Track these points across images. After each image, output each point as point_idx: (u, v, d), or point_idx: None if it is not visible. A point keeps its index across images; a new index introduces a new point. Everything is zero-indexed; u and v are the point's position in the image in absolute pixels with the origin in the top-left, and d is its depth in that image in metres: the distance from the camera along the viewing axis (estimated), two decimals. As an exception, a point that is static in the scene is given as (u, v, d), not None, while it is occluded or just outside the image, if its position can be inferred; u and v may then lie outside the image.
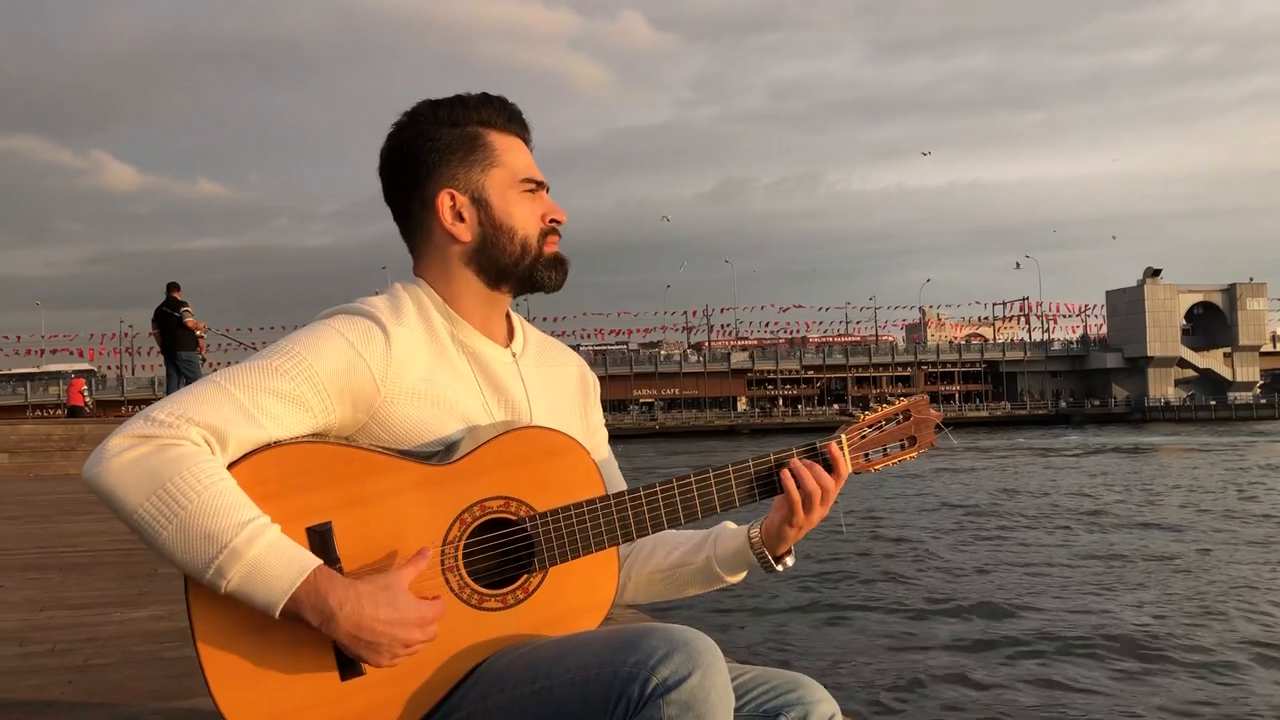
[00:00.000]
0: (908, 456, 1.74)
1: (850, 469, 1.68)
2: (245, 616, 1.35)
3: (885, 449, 1.72)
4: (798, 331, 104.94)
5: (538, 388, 1.65)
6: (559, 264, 1.65)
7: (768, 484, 1.61)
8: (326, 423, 1.46)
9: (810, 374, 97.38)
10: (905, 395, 1.76)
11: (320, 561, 1.35)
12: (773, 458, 1.62)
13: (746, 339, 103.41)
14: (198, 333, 15.44)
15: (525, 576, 1.49)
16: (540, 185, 1.63)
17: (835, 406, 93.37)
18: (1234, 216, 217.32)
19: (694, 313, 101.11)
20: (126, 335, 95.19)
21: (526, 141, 1.66)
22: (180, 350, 15.12)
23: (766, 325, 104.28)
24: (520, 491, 1.49)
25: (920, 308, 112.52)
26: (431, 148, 1.59)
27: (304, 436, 1.43)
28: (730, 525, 1.73)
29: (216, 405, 1.38)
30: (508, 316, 1.69)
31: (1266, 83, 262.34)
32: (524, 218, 1.60)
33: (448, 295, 1.60)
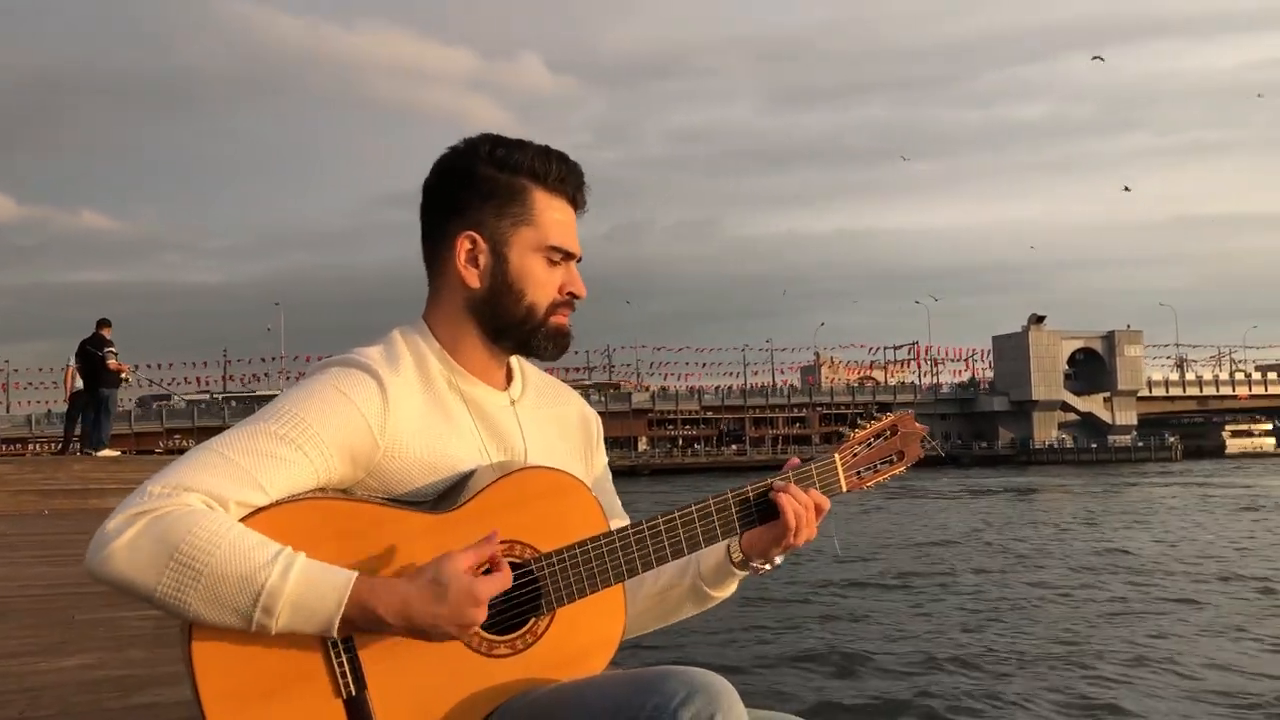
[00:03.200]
0: (897, 471, 1.75)
1: (846, 488, 1.69)
2: (252, 667, 1.33)
3: (875, 465, 1.73)
4: (697, 373, 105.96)
5: (535, 431, 1.64)
6: (560, 338, 1.61)
7: (765, 508, 1.61)
8: (326, 481, 1.45)
9: (709, 415, 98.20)
10: (887, 413, 1.77)
11: (357, 574, 1.34)
12: (770, 482, 1.63)
13: (647, 379, 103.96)
14: (122, 375, 15.23)
15: (533, 620, 1.49)
16: (569, 256, 1.60)
17: (734, 447, 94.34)
18: (1113, 266, 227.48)
19: (595, 352, 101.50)
20: (1, 371, 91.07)
21: (577, 205, 1.62)
22: (101, 387, 14.91)
23: (665, 366, 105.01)
24: (524, 534, 1.49)
25: (815, 350, 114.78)
26: (473, 185, 1.56)
27: (304, 493, 1.42)
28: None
29: (215, 472, 1.35)
30: (508, 363, 1.68)
31: (1142, 141, 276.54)
32: (539, 284, 1.58)
33: (447, 339, 1.59)
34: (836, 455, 1.69)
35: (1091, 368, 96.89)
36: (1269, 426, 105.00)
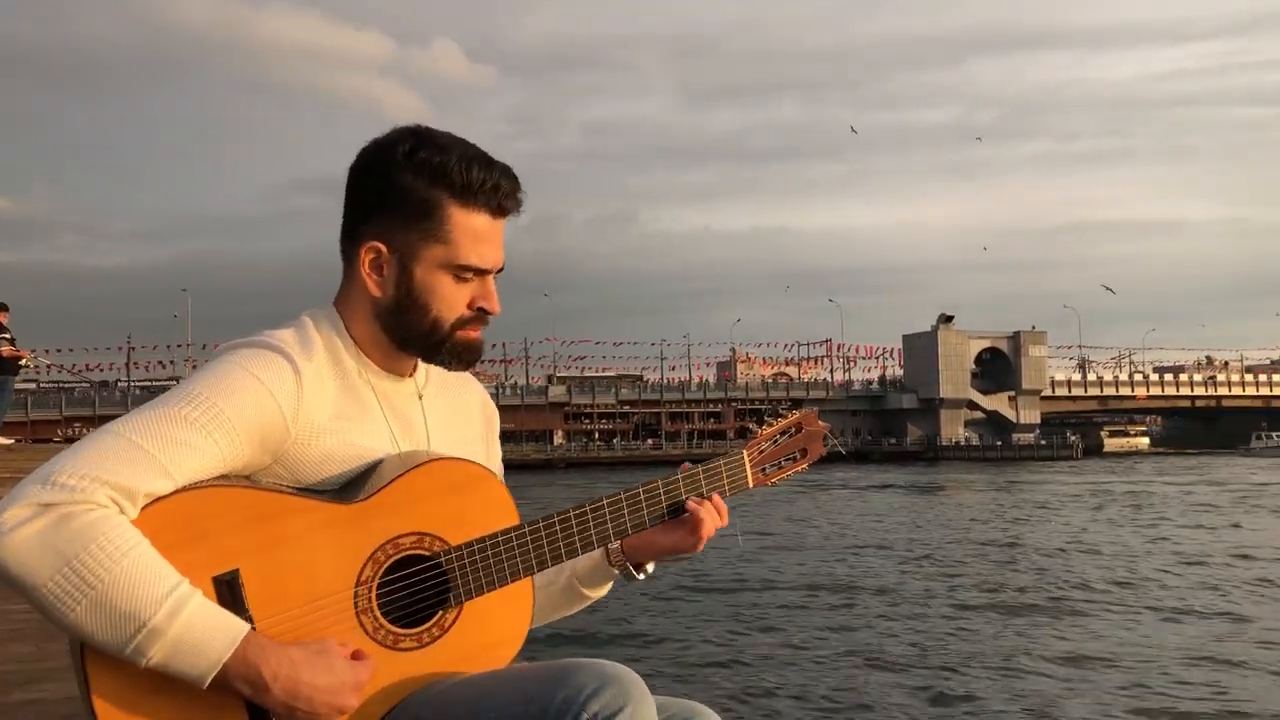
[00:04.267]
0: (800, 468, 1.77)
1: (753, 484, 1.71)
2: (144, 677, 1.28)
3: (780, 462, 1.75)
4: (614, 367, 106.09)
5: (439, 420, 1.62)
6: (466, 352, 1.57)
7: (676, 508, 1.63)
8: (233, 466, 1.40)
9: (626, 409, 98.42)
10: (793, 410, 1.79)
11: (249, 629, 1.30)
12: (681, 482, 1.65)
13: (564, 373, 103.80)
14: (21, 361, 14.69)
15: (441, 613, 1.47)
16: (481, 273, 1.54)
17: (649, 441, 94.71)
18: (1018, 269, 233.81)
19: (511, 345, 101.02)
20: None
21: (503, 213, 1.54)
22: None
23: (581, 359, 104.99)
24: (433, 526, 1.47)
25: (731, 346, 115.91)
26: (386, 192, 1.49)
27: (208, 480, 1.37)
28: None
29: (124, 461, 1.29)
30: None
31: (1043, 147, 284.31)
32: (444, 300, 1.52)
33: (356, 331, 1.55)
34: (745, 452, 1.71)
35: (997, 367, 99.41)
36: (1144, 428, 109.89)
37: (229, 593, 1.33)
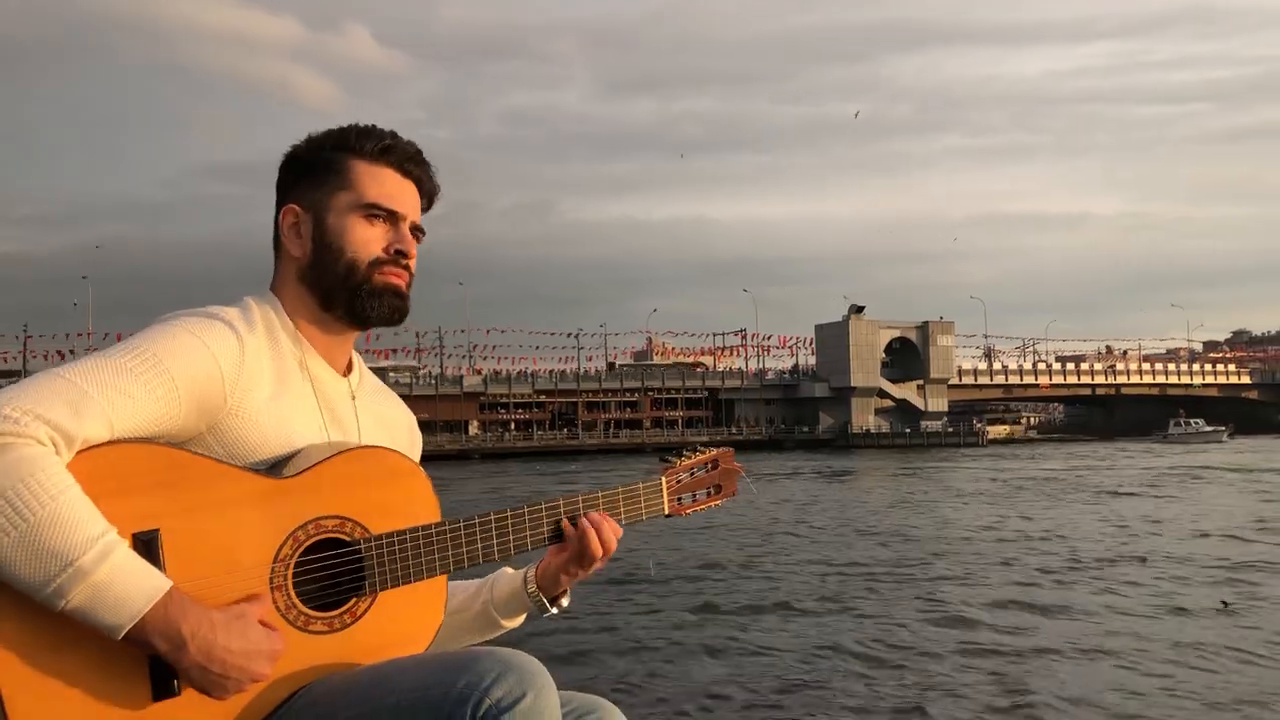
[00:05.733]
0: (714, 503, 1.83)
1: (668, 511, 1.76)
2: (46, 630, 1.26)
3: (695, 495, 1.79)
4: (530, 355, 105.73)
5: (370, 425, 1.65)
6: (389, 296, 1.60)
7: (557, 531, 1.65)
8: (169, 426, 1.40)
9: (543, 399, 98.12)
10: (713, 446, 1.87)
11: (171, 584, 1.29)
12: (580, 502, 1.67)
13: (480, 362, 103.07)
14: None
15: (354, 600, 1.47)
16: (393, 215, 1.60)
17: (566, 431, 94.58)
18: (928, 261, 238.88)
19: (425, 334, 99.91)
20: None
21: (410, 178, 1.64)
22: None
23: (495, 348, 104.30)
24: (357, 512, 1.48)
25: (648, 335, 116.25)
26: (296, 165, 1.62)
27: (140, 437, 1.37)
28: (508, 570, 1.74)
29: (66, 403, 1.29)
30: (350, 354, 1.69)
31: (954, 141, 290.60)
32: (358, 241, 1.58)
33: (292, 313, 1.59)
34: (663, 478, 1.76)
35: (907, 356, 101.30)
36: (1024, 416, 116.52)
37: (145, 552, 1.31)
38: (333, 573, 1.46)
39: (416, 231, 1.65)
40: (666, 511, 1.77)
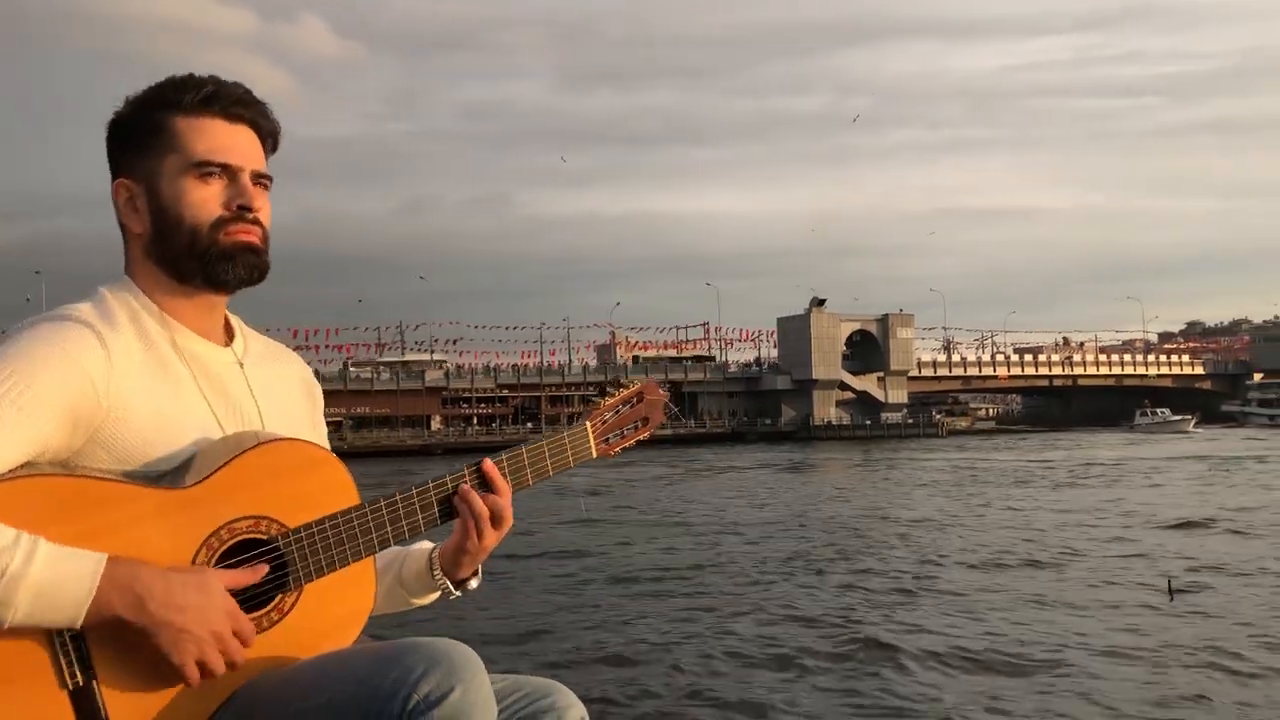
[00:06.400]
0: (642, 435, 1.82)
1: (596, 454, 1.73)
2: None
3: (623, 431, 1.78)
4: (492, 350, 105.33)
5: (265, 393, 1.58)
6: (239, 254, 1.50)
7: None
8: (44, 448, 1.34)
9: (505, 393, 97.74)
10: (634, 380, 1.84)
11: (109, 554, 1.26)
12: (504, 462, 1.63)
13: (442, 356, 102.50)
14: None
15: (280, 597, 1.45)
16: (227, 169, 1.50)
17: (528, 425, 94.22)
18: (888, 254, 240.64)
19: (388, 328, 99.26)
20: None
21: (236, 120, 1.52)
22: None
23: (457, 342, 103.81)
24: (270, 509, 1.44)
25: (611, 329, 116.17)
26: (116, 136, 1.51)
27: (19, 470, 1.30)
28: (425, 544, 1.69)
29: None
30: (226, 319, 1.61)
31: (911, 136, 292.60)
32: (195, 205, 1.48)
33: (153, 293, 1.51)
34: (588, 423, 1.74)
35: (867, 349, 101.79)
36: (980, 408, 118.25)
37: None
38: None
39: (261, 179, 1.54)
40: (595, 454, 1.74)
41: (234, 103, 1.51)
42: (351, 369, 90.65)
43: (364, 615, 1.54)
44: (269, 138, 1.57)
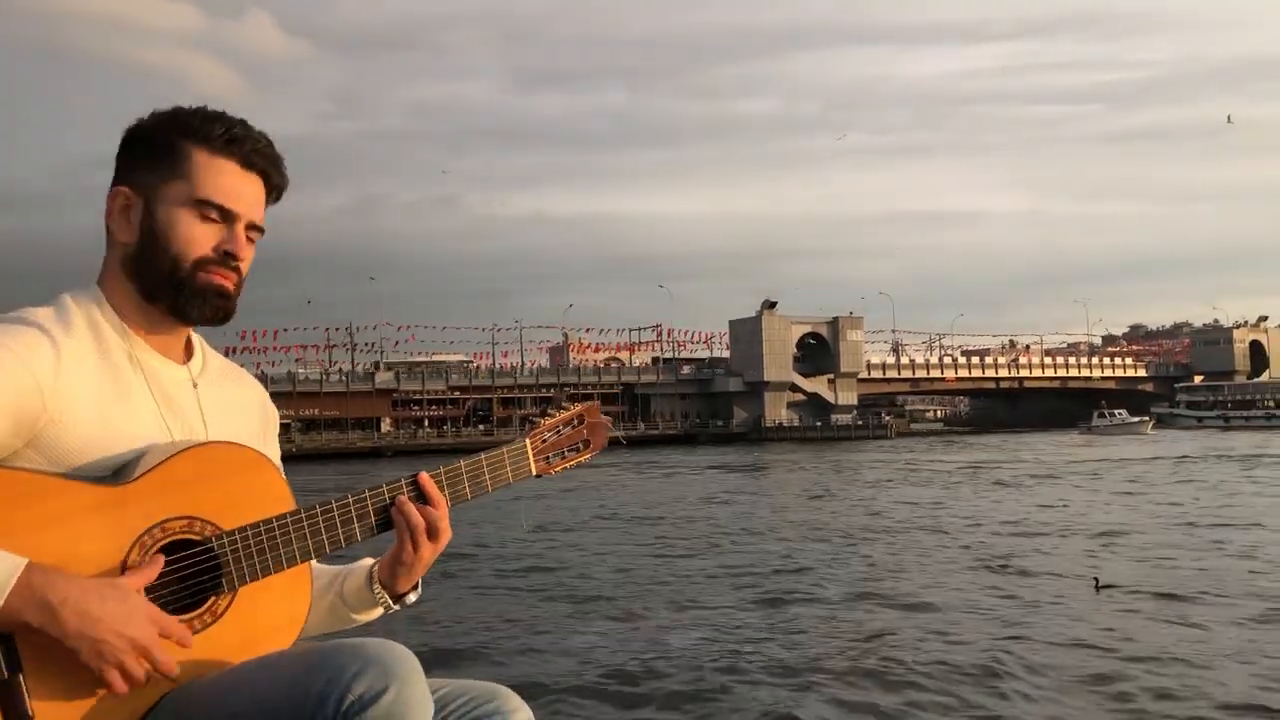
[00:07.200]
0: (584, 458, 1.80)
1: (535, 473, 1.73)
2: None
3: (564, 452, 1.77)
4: (443, 352, 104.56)
5: (216, 412, 1.58)
6: (212, 297, 1.52)
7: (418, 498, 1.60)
8: None
9: (456, 395, 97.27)
10: (576, 403, 1.83)
11: (29, 560, 1.24)
12: (442, 474, 1.63)
13: (392, 358, 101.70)
14: None
15: (213, 599, 1.43)
16: (227, 214, 1.52)
17: (480, 427, 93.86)
18: (837, 257, 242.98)
19: (337, 329, 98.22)
20: None
21: (254, 170, 1.55)
22: None
23: (409, 344, 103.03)
24: (205, 510, 1.44)
25: (563, 331, 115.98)
26: (133, 145, 1.53)
27: None
28: (365, 561, 1.70)
29: None
30: (188, 338, 1.62)
31: (858, 140, 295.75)
32: (185, 238, 1.50)
33: (119, 305, 1.52)
34: (527, 440, 1.73)
35: (818, 351, 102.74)
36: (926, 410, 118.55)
37: None
38: (187, 575, 1.42)
39: (253, 231, 1.57)
40: (535, 472, 1.74)
41: (254, 151, 1.54)
42: (300, 372, 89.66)
43: (300, 621, 1.54)
44: (275, 191, 1.60)
